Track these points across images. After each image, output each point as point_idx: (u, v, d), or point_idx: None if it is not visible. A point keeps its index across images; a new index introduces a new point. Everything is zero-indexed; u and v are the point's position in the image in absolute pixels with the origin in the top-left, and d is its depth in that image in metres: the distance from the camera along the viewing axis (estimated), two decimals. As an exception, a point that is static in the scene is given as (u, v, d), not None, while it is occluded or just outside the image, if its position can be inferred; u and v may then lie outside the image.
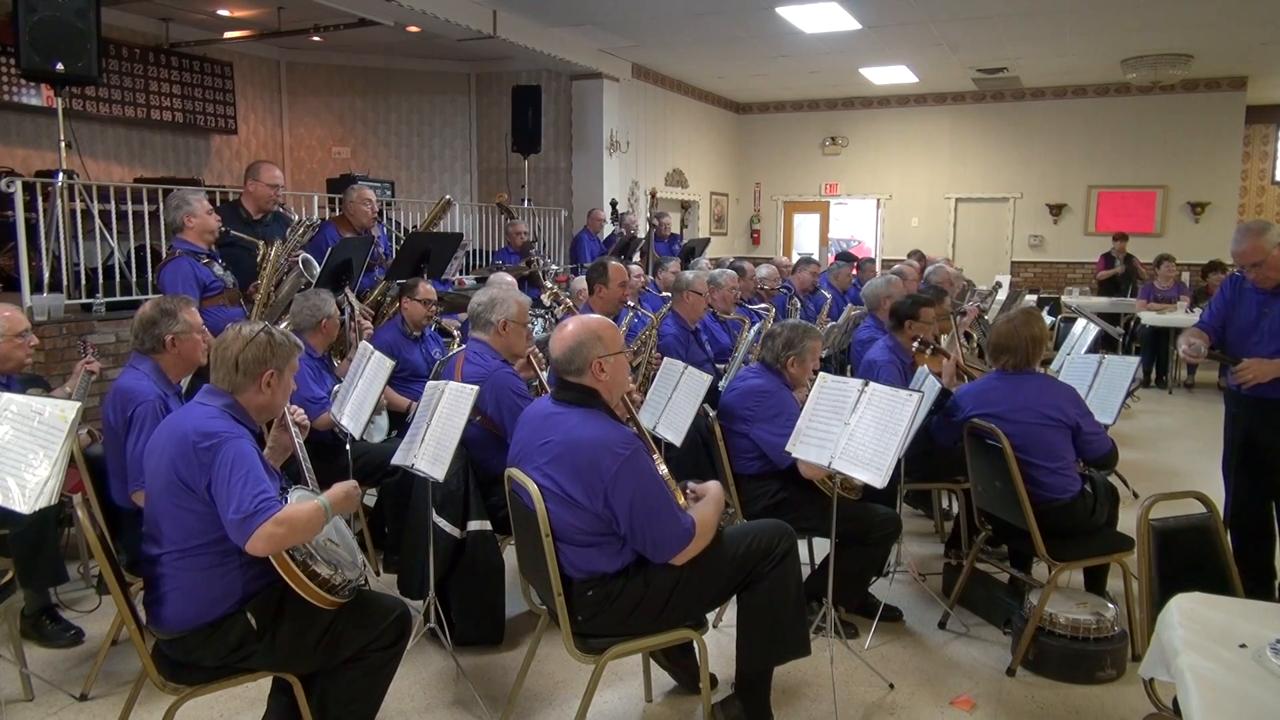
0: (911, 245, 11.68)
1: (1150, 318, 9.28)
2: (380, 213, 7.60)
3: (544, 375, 3.79)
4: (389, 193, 9.23)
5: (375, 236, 5.56)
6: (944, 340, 5.15)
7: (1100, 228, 12.32)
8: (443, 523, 3.38)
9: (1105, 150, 12.42)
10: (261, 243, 4.68)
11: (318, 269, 4.67)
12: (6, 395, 2.70)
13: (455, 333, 5.06)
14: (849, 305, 6.82)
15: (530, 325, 3.94)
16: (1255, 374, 3.50)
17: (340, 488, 2.45)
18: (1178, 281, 9.94)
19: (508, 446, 2.84)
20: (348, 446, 3.84)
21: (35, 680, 3.13)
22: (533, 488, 2.53)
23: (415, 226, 8.04)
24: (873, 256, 11.28)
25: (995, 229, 13.27)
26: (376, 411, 4.32)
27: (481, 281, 6.70)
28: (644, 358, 4.88)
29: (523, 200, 10.15)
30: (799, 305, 6.97)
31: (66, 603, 3.67)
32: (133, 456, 2.93)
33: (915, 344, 4.38)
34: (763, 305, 5.97)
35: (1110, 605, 3.38)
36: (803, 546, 3.76)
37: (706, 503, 2.68)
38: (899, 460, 2.98)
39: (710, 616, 3.18)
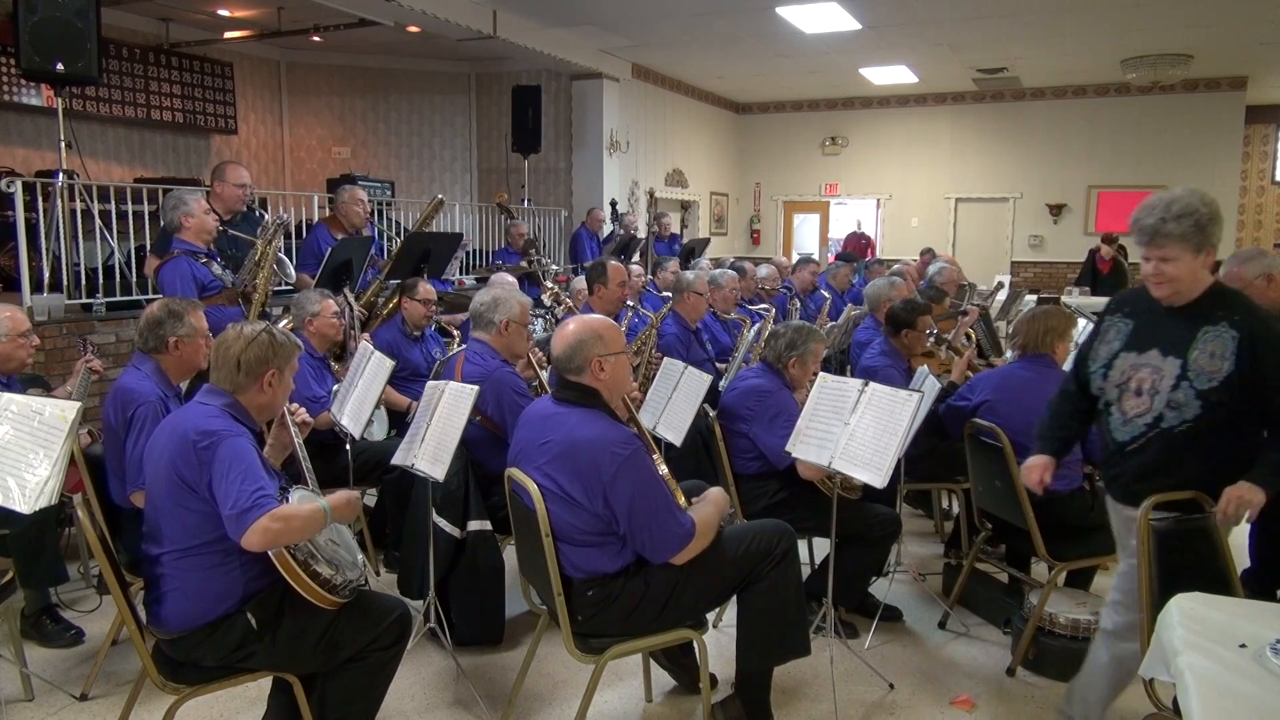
0: (911, 245, 11.70)
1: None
2: (379, 213, 7.63)
3: (544, 375, 3.79)
4: (389, 193, 9.22)
5: (369, 237, 5.56)
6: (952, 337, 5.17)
7: (1100, 228, 12.32)
8: (443, 523, 3.38)
9: (1105, 150, 12.43)
10: (259, 242, 4.67)
11: (290, 268, 4.66)
12: (6, 395, 2.70)
13: (455, 332, 5.07)
14: (849, 305, 6.83)
15: (531, 325, 3.94)
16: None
17: (342, 494, 2.45)
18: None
19: (508, 446, 2.85)
20: (348, 446, 3.84)
21: (35, 680, 3.13)
22: (533, 488, 2.53)
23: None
24: (879, 256, 11.26)
25: (995, 229, 13.27)
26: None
27: (482, 281, 6.70)
28: (644, 358, 4.88)
29: (523, 200, 10.15)
30: (799, 305, 6.98)
31: (66, 603, 3.67)
32: (132, 457, 2.94)
33: (930, 338, 4.40)
34: (763, 305, 5.97)
35: (1110, 605, 3.38)
36: (803, 546, 3.76)
37: (707, 503, 2.68)
38: (899, 460, 2.98)
39: (710, 616, 3.18)
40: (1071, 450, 2.80)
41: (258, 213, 5.13)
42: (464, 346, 3.87)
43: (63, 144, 5.60)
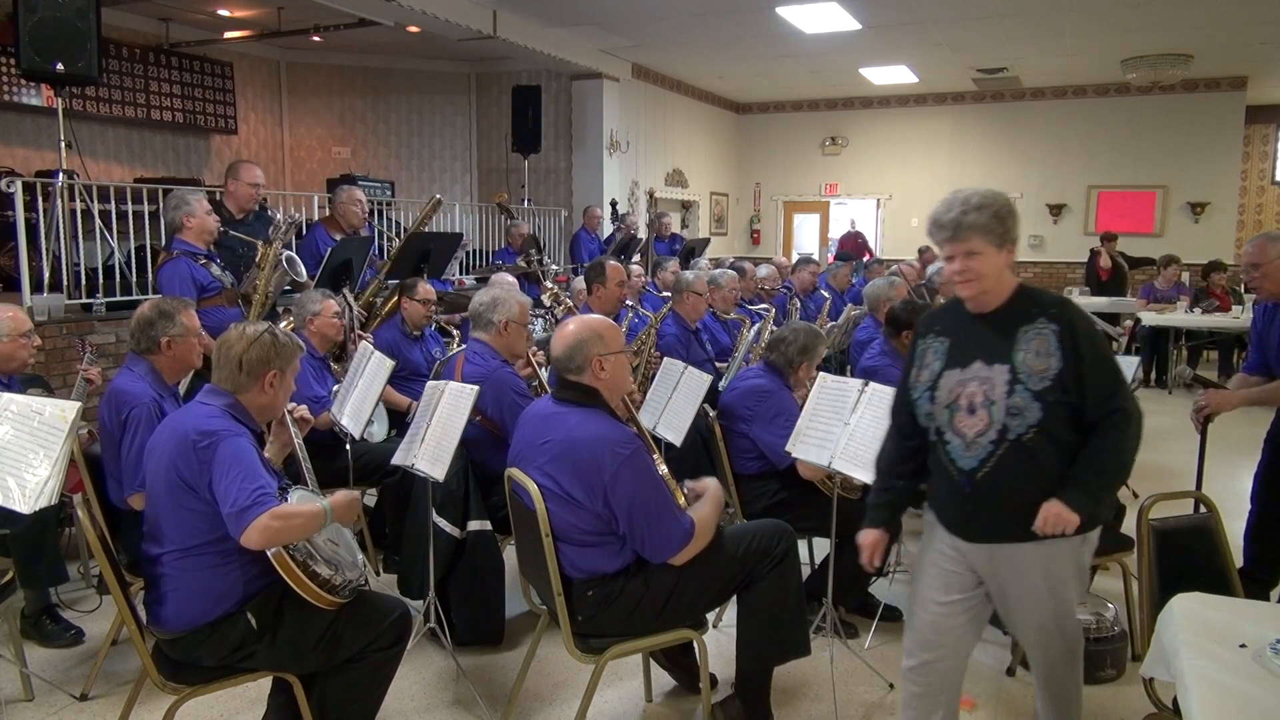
0: (911, 245, 11.69)
1: (1150, 318, 9.28)
2: (379, 213, 7.62)
3: (544, 375, 3.79)
4: (389, 193, 9.22)
5: (369, 238, 5.56)
6: None
7: (1100, 228, 12.31)
8: (443, 523, 3.38)
9: (1105, 150, 12.42)
10: (260, 243, 4.68)
11: (302, 267, 4.66)
12: (7, 395, 2.70)
13: (455, 332, 5.07)
14: (849, 305, 6.83)
15: (530, 325, 3.94)
16: (1212, 403, 3.48)
17: (343, 495, 2.45)
18: (1177, 282, 9.94)
19: (508, 446, 2.85)
20: (348, 446, 3.84)
21: (35, 680, 3.13)
22: (533, 487, 2.53)
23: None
24: (877, 255, 11.25)
25: (995, 229, 13.24)
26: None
27: (482, 281, 6.71)
28: (644, 358, 4.88)
29: (523, 200, 10.15)
30: (799, 305, 6.98)
31: (66, 603, 3.67)
32: (128, 459, 2.94)
33: None
34: (763, 305, 5.97)
35: (1110, 605, 3.38)
36: (803, 546, 3.76)
37: (706, 502, 2.68)
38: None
39: (710, 616, 3.18)
40: (904, 511, 2.56)
41: (270, 212, 5.14)
42: (464, 346, 3.87)
43: (63, 144, 5.59)
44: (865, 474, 2.86)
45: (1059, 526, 2.13)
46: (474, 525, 3.43)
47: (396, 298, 5.01)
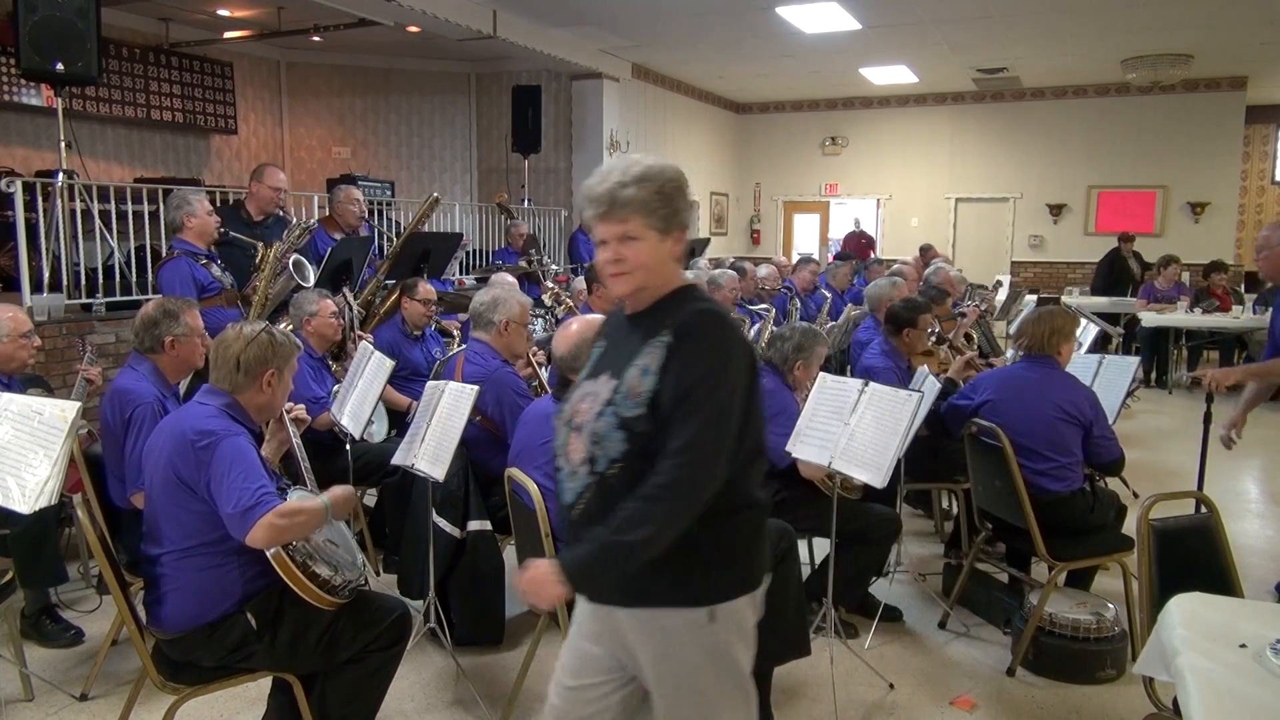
0: (911, 245, 11.70)
1: (1150, 318, 9.29)
2: (379, 213, 7.63)
3: (544, 375, 3.80)
4: (389, 193, 9.22)
5: (369, 238, 5.57)
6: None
7: (1100, 228, 12.33)
8: (443, 523, 3.38)
9: (1105, 150, 12.43)
10: (260, 245, 4.68)
11: (309, 270, 4.67)
12: (7, 395, 2.70)
13: (455, 333, 5.07)
14: (849, 305, 6.83)
15: (531, 325, 3.94)
16: (1211, 378, 3.51)
17: (339, 489, 2.47)
18: (1178, 282, 9.94)
19: (508, 446, 2.85)
20: (348, 446, 3.84)
21: (35, 680, 3.13)
22: (533, 488, 2.53)
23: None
24: (879, 256, 11.26)
25: (995, 229, 13.27)
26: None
27: (482, 281, 6.71)
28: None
29: (523, 200, 10.16)
30: (799, 305, 6.98)
31: (66, 603, 3.67)
32: (131, 458, 2.94)
33: (932, 338, 4.41)
34: (763, 305, 5.98)
35: (1110, 605, 3.38)
36: (803, 546, 3.76)
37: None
38: (899, 460, 2.98)
39: (710, 616, 3.17)
40: None
41: (288, 216, 5.16)
42: (464, 346, 3.87)
43: (63, 144, 5.59)
44: (865, 474, 2.86)
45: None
46: (474, 525, 3.43)
47: (395, 297, 5.01)
